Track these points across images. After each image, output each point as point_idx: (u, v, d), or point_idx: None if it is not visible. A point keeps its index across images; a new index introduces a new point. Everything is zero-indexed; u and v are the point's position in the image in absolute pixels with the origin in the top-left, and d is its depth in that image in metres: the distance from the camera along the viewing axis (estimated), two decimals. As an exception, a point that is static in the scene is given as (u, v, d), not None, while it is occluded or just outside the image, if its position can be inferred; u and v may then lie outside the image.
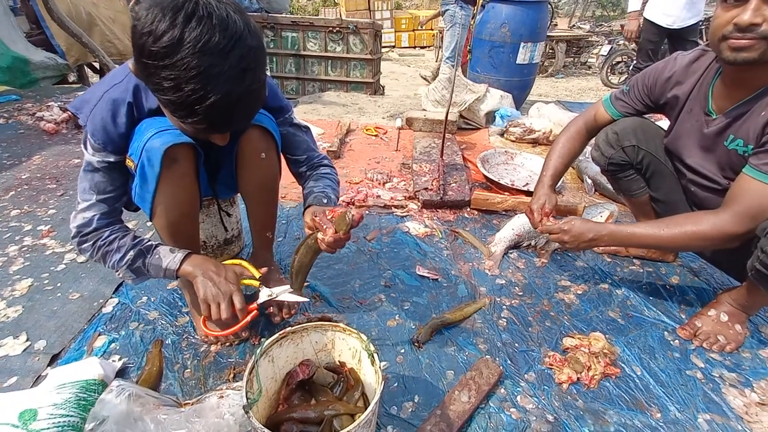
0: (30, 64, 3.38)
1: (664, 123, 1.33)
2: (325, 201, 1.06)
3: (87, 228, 0.94)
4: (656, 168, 1.32)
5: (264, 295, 0.96)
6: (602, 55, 7.26)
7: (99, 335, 1.14)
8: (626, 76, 3.62)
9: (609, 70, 6.88)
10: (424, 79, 6.14)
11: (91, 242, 0.94)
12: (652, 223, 1.14)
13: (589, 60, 8.64)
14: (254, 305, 0.94)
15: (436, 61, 9.15)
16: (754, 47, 0.92)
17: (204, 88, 0.69)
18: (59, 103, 2.95)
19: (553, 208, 1.31)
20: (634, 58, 3.88)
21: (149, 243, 0.97)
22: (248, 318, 0.93)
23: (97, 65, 4.24)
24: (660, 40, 3.35)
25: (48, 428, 0.85)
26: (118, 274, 0.98)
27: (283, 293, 0.97)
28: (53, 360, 1.07)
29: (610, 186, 1.71)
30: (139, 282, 1.02)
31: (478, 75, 3.40)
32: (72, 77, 4.20)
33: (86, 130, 0.89)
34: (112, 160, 0.91)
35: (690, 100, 1.16)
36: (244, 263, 1.01)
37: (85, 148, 0.91)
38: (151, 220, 0.98)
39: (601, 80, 7.13)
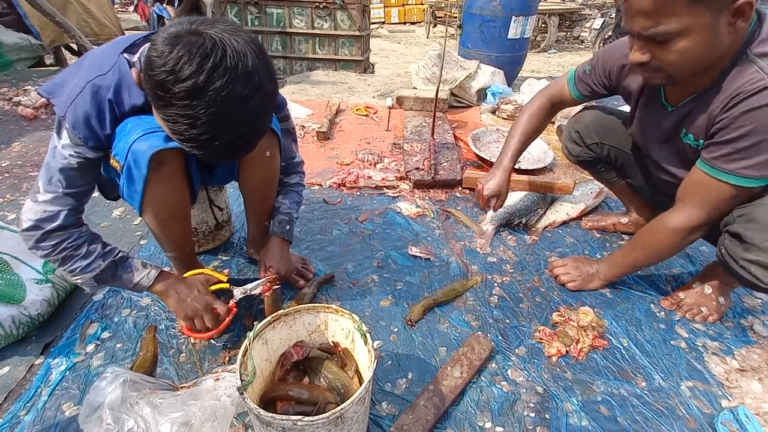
0: (2, 46, 3.23)
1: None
2: (288, 228, 1.19)
3: (50, 224, 0.85)
4: (624, 159, 1.35)
5: (238, 293, 1.04)
6: (595, 29, 7.15)
7: (91, 323, 1.14)
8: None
9: (601, 45, 6.78)
10: None
11: (55, 241, 0.86)
12: (630, 247, 1.21)
13: (582, 34, 8.50)
14: (232, 303, 1.03)
15: (427, 38, 8.95)
16: (656, 77, 0.93)
17: (218, 130, 0.69)
18: (36, 87, 2.85)
19: (503, 200, 1.41)
20: (611, 32, 3.76)
21: (120, 254, 0.95)
22: (230, 317, 1.01)
23: (75, 47, 4.08)
24: None
25: (56, 284, 1.15)
26: (75, 280, 0.92)
27: (255, 287, 1.05)
28: (46, 348, 1.07)
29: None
30: (95, 290, 1.01)
31: (469, 51, 3.33)
32: (49, 59, 4.04)
33: (63, 119, 0.83)
34: (90, 156, 0.86)
35: (645, 91, 1.12)
36: (207, 270, 1.08)
37: (59, 137, 0.85)
38: (140, 216, 0.97)
39: (594, 55, 7.04)
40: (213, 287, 1.05)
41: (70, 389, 0.97)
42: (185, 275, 1.07)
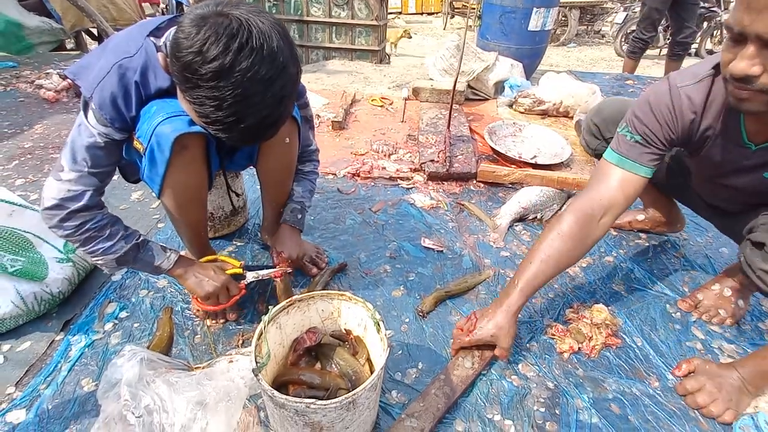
0: (24, 29, 3.28)
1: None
2: (300, 216, 1.22)
3: (75, 203, 0.85)
4: None
5: (250, 277, 1.10)
6: (617, 23, 6.96)
7: (109, 302, 1.17)
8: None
9: (623, 40, 6.60)
10: None
11: (78, 221, 0.87)
12: None
13: (603, 28, 8.29)
14: (243, 284, 1.09)
15: (444, 29, 8.83)
16: (753, 100, 0.73)
17: (243, 112, 0.70)
18: (58, 71, 2.89)
19: (504, 352, 0.99)
20: (635, 27, 3.64)
21: (141, 237, 0.97)
22: (238, 296, 1.07)
23: (95, 32, 4.12)
24: (665, 8, 3.21)
25: (77, 263, 1.18)
26: (95, 260, 0.93)
27: (267, 273, 1.10)
28: (66, 325, 1.10)
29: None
30: (113, 271, 1.06)
31: (487, 42, 3.27)
32: (69, 44, 4.10)
33: (90, 99, 0.83)
34: (116, 137, 0.87)
35: (717, 133, 0.96)
36: (221, 257, 1.14)
37: (86, 118, 0.85)
38: (158, 198, 0.99)
39: (615, 50, 6.87)
40: (227, 272, 1.07)
41: (88, 365, 1.00)
42: (201, 260, 1.09)
